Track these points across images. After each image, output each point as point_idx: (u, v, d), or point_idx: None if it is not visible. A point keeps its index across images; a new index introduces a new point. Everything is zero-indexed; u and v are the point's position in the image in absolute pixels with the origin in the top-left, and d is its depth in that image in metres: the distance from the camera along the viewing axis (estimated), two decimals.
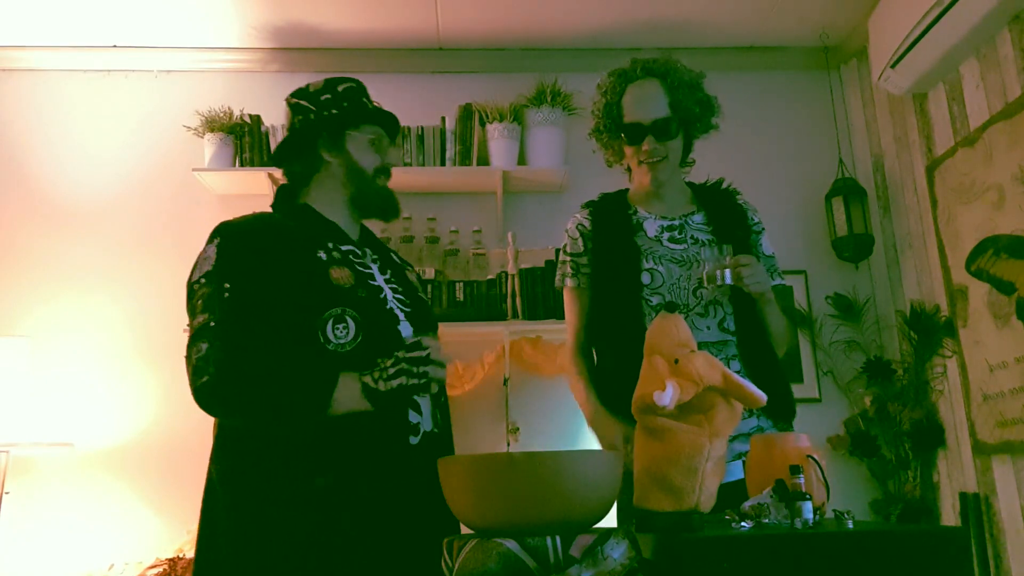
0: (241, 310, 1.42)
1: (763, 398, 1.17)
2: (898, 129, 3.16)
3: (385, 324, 1.50)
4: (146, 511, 2.84)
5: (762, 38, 3.35)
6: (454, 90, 3.30)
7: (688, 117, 1.86)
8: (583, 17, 3.17)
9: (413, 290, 1.64)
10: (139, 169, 3.22)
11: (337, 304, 1.44)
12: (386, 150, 1.65)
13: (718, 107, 1.92)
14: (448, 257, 3.07)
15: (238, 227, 1.53)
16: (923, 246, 3.01)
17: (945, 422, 2.88)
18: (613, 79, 1.90)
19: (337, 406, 1.38)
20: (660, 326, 1.22)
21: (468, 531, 1.12)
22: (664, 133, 1.83)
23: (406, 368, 1.41)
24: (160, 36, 3.21)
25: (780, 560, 0.99)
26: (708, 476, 1.14)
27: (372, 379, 1.40)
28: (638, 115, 1.84)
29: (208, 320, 1.41)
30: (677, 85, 1.84)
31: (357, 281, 1.50)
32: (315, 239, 1.54)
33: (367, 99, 1.65)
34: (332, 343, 1.42)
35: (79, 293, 3.06)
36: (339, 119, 1.60)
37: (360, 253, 1.60)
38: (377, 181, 1.62)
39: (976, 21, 2.51)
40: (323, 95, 1.62)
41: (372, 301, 1.50)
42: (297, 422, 1.40)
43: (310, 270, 1.47)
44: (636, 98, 1.85)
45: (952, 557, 1.01)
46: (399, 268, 1.68)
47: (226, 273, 1.45)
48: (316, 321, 1.42)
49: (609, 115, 1.90)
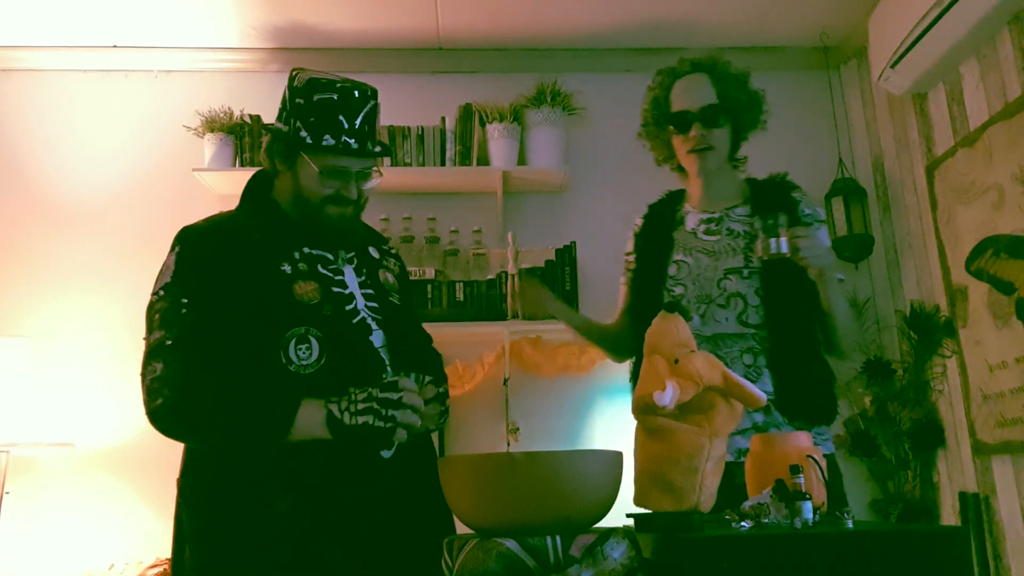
0: (199, 328, 1.35)
1: (763, 398, 1.17)
2: (898, 129, 3.16)
3: (351, 343, 1.41)
4: (146, 511, 2.84)
5: (762, 38, 3.35)
6: (454, 90, 3.30)
7: (736, 107, 1.86)
8: (583, 17, 3.17)
9: (384, 293, 1.53)
10: (139, 169, 3.22)
11: (300, 323, 1.36)
12: (348, 182, 1.46)
13: (765, 103, 1.91)
14: (448, 257, 3.07)
15: (200, 234, 1.46)
16: (923, 246, 3.01)
17: (945, 422, 2.88)
18: (661, 76, 1.93)
19: (297, 432, 1.31)
20: (660, 326, 1.22)
21: (468, 531, 1.12)
22: (711, 121, 1.83)
23: (375, 408, 1.31)
24: (160, 36, 3.21)
25: (780, 560, 0.99)
26: (708, 476, 1.14)
27: (339, 409, 1.32)
28: (686, 103, 1.85)
29: (164, 338, 1.36)
30: (724, 77, 1.86)
31: (323, 296, 1.41)
32: (280, 248, 1.44)
33: (346, 116, 1.43)
34: (295, 364, 1.35)
35: (79, 293, 3.06)
36: (295, 139, 1.43)
37: (331, 257, 1.50)
38: (325, 210, 1.45)
39: (976, 21, 2.51)
40: (298, 98, 1.45)
41: (338, 318, 1.41)
42: (255, 448, 1.34)
43: (273, 285, 1.39)
44: (684, 89, 1.87)
45: (952, 557, 1.01)
46: (374, 267, 1.57)
47: (184, 287, 1.38)
48: (279, 340, 1.35)
49: (657, 108, 1.92)
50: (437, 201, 3.24)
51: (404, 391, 1.33)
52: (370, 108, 1.47)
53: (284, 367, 1.35)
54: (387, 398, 1.31)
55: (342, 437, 1.31)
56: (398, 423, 1.31)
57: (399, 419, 1.31)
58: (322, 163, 1.43)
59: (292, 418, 1.31)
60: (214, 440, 1.37)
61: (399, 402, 1.32)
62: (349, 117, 1.43)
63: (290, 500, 1.32)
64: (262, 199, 1.53)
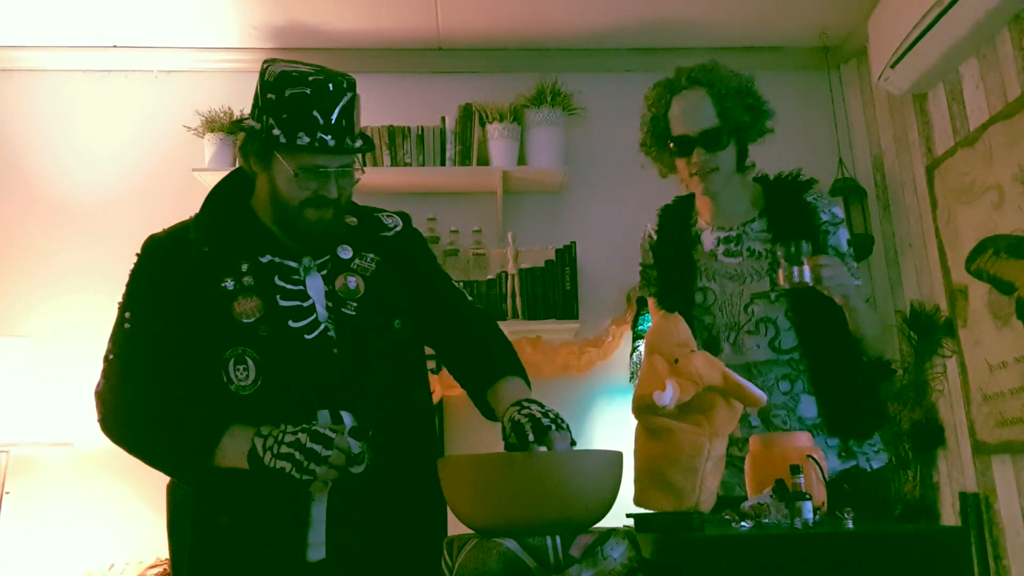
0: (138, 346, 1.35)
1: (763, 398, 1.16)
2: (898, 129, 3.16)
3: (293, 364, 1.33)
4: (146, 511, 2.84)
5: (762, 38, 3.34)
6: (454, 90, 3.30)
7: (738, 126, 1.77)
8: (583, 17, 3.17)
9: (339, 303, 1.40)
10: (139, 169, 3.22)
11: (238, 343, 1.32)
12: (327, 181, 1.36)
13: (770, 110, 1.84)
14: (448, 257, 3.07)
15: (156, 245, 1.45)
16: (923, 246, 3.01)
17: (945, 422, 2.88)
18: (658, 91, 1.83)
19: (221, 459, 1.28)
20: (660, 326, 1.22)
21: (468, 531, 1.12)
22: (714, 144, 1.74)
23: (297, 458, 1.23)
24: (160, 36, 3.21)
25: (780, 560, 0.99)
26: (708, 476, 1.14)
27: (263, 445, 1.26)
28: (686, 127, 1.76)
29: (109, 352, 1.37)
30: (724, 93, 1.75)
31: (265, 313, 1.33)
32: (227, 261, 1.38)
33: (321, 112, 1.32)
34: (234, 384, 1.32)
35: (79, 293, 3.06)
36: (268, 138, 1.34)
37: (295, 264, 1.41)
38: (304, 214, 1.37)
39: (976, 21, 2.51)
40: (269, 93, 1.34)
41: (279, 338, 1.33)
42: (181, 471, 1.35)
43: (213, 303, 1.34)
44: (683, 109, 1.76)
45: (952, 557, 1.01)
46: (339, 271, 1.43)
47: (129, 302, 1.40)
48: (218, 360, 1.32)
49: (656, 128, 1.82)
50: (437, 201, 3.24)
51: (332, 451, 1.24)
52: (347, 101, 1.35)
53: (225, 387, 1.32)
54: (313, 450, 1.23)
55: (259, 475, 1.26)
56: (316, 477, 1.24)
57: (318, 474, 1.23)
58: (297, 163, 1.34)
59: (214, 446, 1.28)
60: (145, 460, 1.37)
61: (323, 458, 1.23)
62: (324, 112, 1.32)
63: (232, 516, 1.31)
64: (226, 204, 1.46)
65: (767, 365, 1.70)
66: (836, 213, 1.79)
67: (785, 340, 1.70)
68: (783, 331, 1.70)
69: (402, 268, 1.52)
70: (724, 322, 1.75)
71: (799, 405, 1.69)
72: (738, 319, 1.73)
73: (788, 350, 1.70)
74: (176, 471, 1.38)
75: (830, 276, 1.58)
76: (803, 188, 1.84)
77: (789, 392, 1.69)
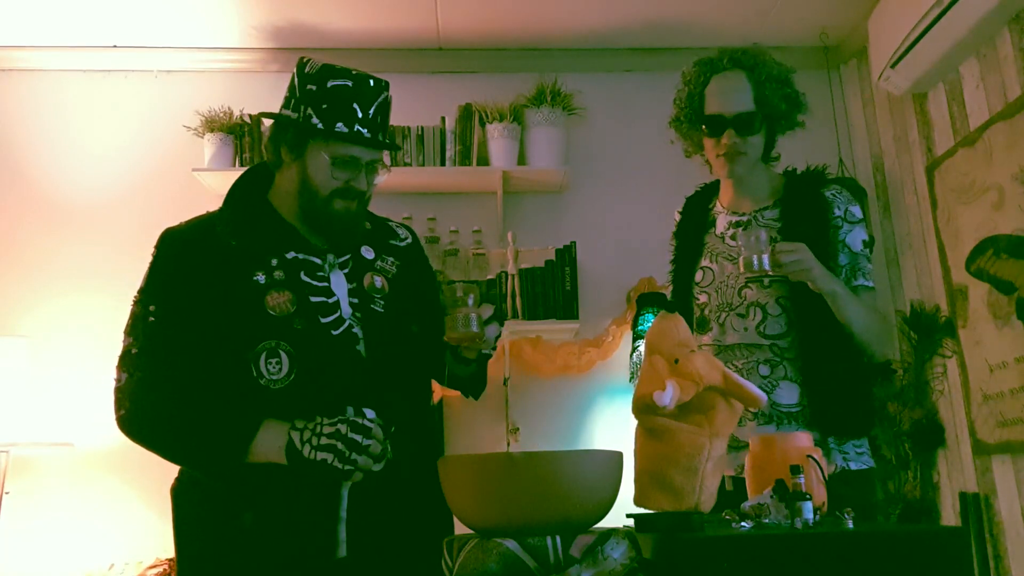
0: (164, 338, 1.33)
1: (763, 398, 1.17)
2: (898, 129, 3.16)
3: (326, 359, 1.35)
4: (146, 511, 2.84)
5: (762, 38, 3.34)
6: (454, 90, 3.30)
7: (773, 113, 1.77)
8: (583, 17, 3.17)
9: (367, 300, 1.44)
10: (139, 169, 3.22)
11: (271, 336, 1.32)
12: (358, 173, 1.41)
13: (806, 104, 1.84)
14: (448, 257, 3.07)
15: (175, 239, 1.43)
16: (923, 246, 3.01)
17: (945, 422, 2.88)
18: (698, 68, 1.81)
19: (255, 455, 1.28)
20: (660, 326, 1.22)
21: (468, 531, 1.12)
22: (746, 128, 1.74)
23: (339, 448, 1.25)
24: (160, 36, 3.21)
25: (780, 560, 0.99)
26: (708, 476, 1.14)
27: (301, 438, 1.27)
28: (721, 107, 1.75)
29: (131, 346, 1.35)
30: (764, 79, 1.75)
31: (298, 307, 1.35)
32: (257, 255, 1.39)
33: (360, 105, 1.39)
34: (264, 378, 1.31)
35: (79, 293, 3.06)
36: (305, 126, 1.38)
37: (319, 261, 1.43)
38: (332, 204, 1.40)
39: (976, 21, 2.51)
40: (309, 84, 1.40)
41: (312, 332, 1.35)
42: (212, 467, 1.33)
43: (244, 296, 1.34)
44: (720, 89, 1.76)
45: (952, 557, 1.01)
46: (364, 270, 1.47)
47: (153, 295, 1.37)
48: (248, 354, 1.31)
49: (691, 104, 1.81)
50: (437, 201, 3.24)
51: (372, 440, 1.27)
52: (383, 99, 1.43)
53: (255, 381, 1.31)
54: (355, 440, 1.26)
55: (298, 468, 1.27)
56: (358, 467, 1.26)
57: (359, 464, 1.26)
58: (333, 151, 1.38)
59: (250, 440, 1.28)
60: (171, 457, 1.36)
61: (364, 447, 1.26)
62: (363, 106, 1.39)
63: (257, 513, 1.30)
64: (249, 199, 1.47)
65: (750, 348, 1.72)
66: (853, 212, 1.77)
67: (771, 326, 1.72)
68: (771, 317, 1.72)
69: (414, 278, 1.56)
70: (717, 302, 1.78)
71: (776, 391, 1.69)
72: (731, 300, 1.76)
73: (773, 336, 1.71)
74: (205, 466, 1.36)
75: (790, 262, 1.57)
76: (823, 182, 1.83)
77: (768, 376, 1.70)
